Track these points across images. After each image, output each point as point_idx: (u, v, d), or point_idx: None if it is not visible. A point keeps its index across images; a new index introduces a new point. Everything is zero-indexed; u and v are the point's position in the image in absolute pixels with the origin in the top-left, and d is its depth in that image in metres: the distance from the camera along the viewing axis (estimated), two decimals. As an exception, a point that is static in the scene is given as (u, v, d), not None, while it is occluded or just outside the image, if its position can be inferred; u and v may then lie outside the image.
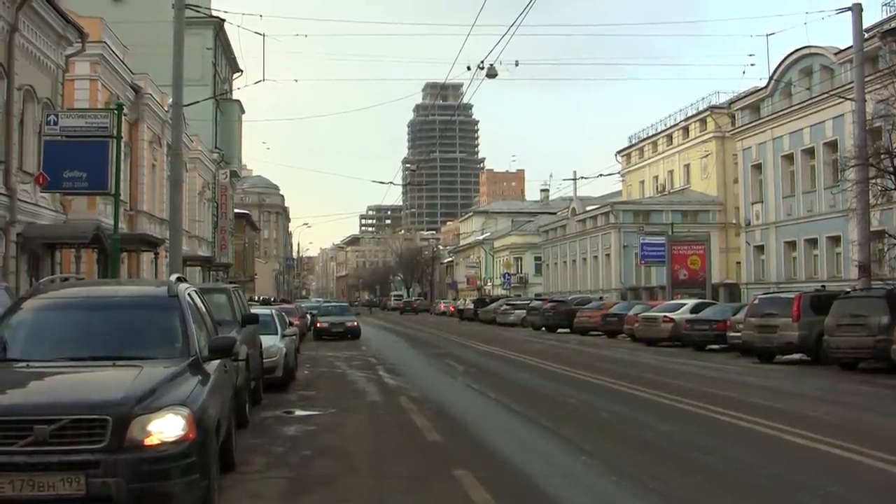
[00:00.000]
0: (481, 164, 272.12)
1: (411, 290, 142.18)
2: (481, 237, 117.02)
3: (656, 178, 74.92)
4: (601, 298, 54.60)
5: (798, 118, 45.09)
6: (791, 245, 46.65)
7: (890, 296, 22.99)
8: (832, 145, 41.70)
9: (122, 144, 24.56)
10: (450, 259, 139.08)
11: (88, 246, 27.20)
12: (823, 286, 31.29)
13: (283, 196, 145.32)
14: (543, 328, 50.31)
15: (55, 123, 23.26)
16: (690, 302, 36.59)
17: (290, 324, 26.18)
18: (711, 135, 64.05)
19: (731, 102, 55.44)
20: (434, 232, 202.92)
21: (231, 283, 35.83)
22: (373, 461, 10.92)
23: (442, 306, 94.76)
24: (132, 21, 43.10)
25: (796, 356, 25.96)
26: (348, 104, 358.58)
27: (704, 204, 66.00)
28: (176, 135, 25.22)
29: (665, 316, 34.91)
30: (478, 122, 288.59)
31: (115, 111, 23.53)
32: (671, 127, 71.13)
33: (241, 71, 67.16)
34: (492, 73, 29.99)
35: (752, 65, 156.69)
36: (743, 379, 21.41)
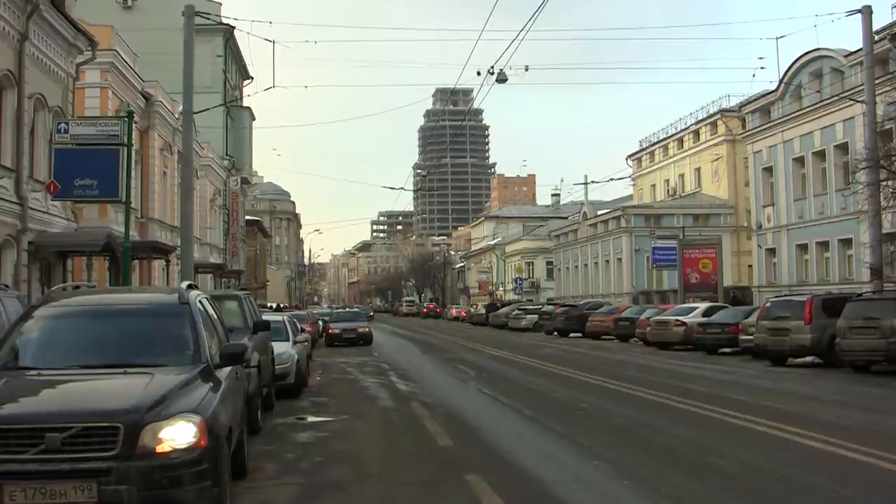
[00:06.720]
0: (492, 169, 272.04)
1: (423, 295, 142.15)
2: (493, 242, 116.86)
3: (667, 181, 74.78)
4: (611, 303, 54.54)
5: (808, 121, 44.99)
6: (803, 248, 46.52)
7: (902, 298, 22.96)
8: (843, 148, 41.56)
9: (133, 152, 24.61)
10: (461, 264, 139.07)
11: (100, 254, 27.27)
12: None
13: (294, 202, 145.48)
14: (555, 333, 50.23)
15: (66, 131, 23.32)
16: (702, 305, 36.52)
17: (302, 330, 26.24)
18: (722, 138, 63.90)
19: (742, 106, 55.30)
20: (445, 237, 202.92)
21: (243, 289, 35.96)
22: (385, 467, 10.93)
23: (454, 311, 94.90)
24: (142, 29, 43.41)
25: (809, 359, 25.89)
26: (359, 110, 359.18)
27: (715, 207, 65.87)
28: (186, 142, 25.37)
29: (677, 320, 34.86)
30: (488, 126, 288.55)
31: (126, 119, 23.57)
32: (681, 131, 71.00)
33: (252, 78, 67.51)
34: (501, 78, 29.97)
35: (762, 68, 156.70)
36: (755, 382, 21.34)
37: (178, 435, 6.87)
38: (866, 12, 29.03)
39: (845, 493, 9.05)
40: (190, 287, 9.93)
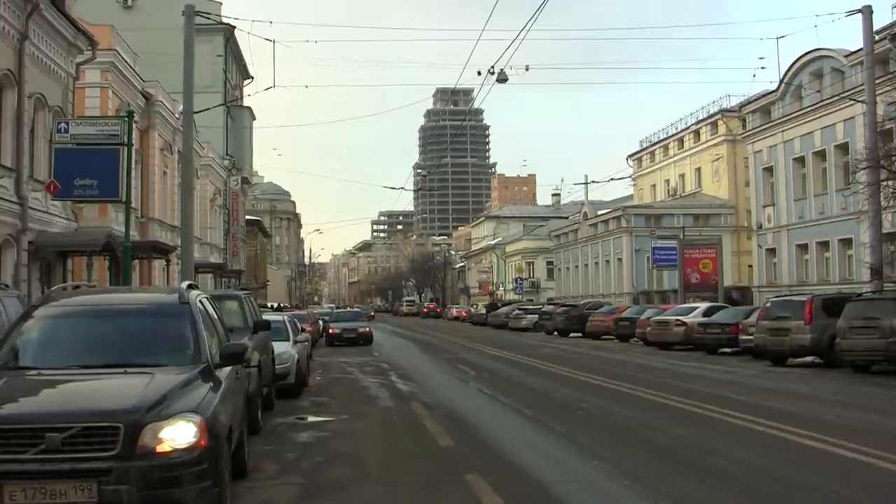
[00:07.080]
0: (492, 169, 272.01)
1: (423, 295, 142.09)
2: (493, 242, 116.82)
3: (667, 181, 74.79)
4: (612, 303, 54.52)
5: (809, 121, 44.97)
6: (803, 248, 46.50)
7: (902, 298, 22.94)
8: (843, 148, 41.53)
9: (133, 152, 24.60)
10: (461, 264, 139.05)
11: (100, 253, 27.28)
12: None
13: (294, 202, 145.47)
14: (555, 333, 50.20)
15: (66, 131, 23.32)
16: (702, 305, 36.50)
17: (302, 330, 26.24)
18: (722, 138, 63.91)
19: (742, 106, 55.28)
20: (446, 237, 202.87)
21: (243, 289, 35.95)
22: (385, 467, 10.92)
23: (454, 311, 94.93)
24: (142, 29, 43.42)
25: (809, 359, 25.89)
26: (359, 110, 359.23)
27: (716, 207, 65.88)
28: (187, 142, 25.35)
29: (677, 319, 34.86)
30: (489, 126, 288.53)
31: (126, 119, 23.55)
32: (682, 131, 71.02)
33: (252, 77, 67.41)
34: (502, 78, 29.97)
35: (762, 68, 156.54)
36: (755, 382, 21.34)
37: (178, 435, 6.87)
38: (866, 12, 29.03)
39: (845, 493, 9.04)
40: (190, 287, 9.93)
